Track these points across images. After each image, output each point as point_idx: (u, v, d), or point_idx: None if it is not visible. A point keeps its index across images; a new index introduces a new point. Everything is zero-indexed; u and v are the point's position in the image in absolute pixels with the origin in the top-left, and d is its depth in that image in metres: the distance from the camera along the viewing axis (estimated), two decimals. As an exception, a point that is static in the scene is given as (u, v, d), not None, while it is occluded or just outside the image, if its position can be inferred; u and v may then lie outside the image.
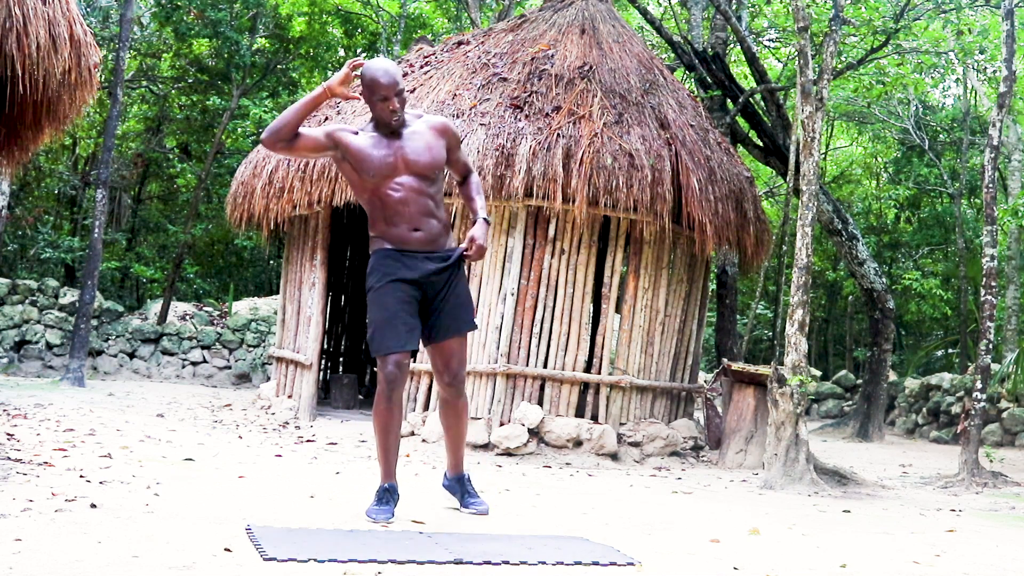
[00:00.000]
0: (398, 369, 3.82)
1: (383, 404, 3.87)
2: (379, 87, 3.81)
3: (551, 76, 8.15)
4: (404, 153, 3.87)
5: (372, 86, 3.82)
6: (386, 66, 3.84)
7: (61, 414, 7.12)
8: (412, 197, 3.86)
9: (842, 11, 8.18)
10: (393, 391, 3.84)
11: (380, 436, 3.94)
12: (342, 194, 7.93)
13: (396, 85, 3.81)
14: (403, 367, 3.84)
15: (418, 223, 3.88)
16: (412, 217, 3.87)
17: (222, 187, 14.92)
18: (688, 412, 8.75)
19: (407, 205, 3.86)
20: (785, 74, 15.61)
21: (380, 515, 3.80)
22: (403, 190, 3.86)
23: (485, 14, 16.13)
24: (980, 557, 3.97)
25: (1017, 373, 10.29)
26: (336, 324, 11.46)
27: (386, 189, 3.86)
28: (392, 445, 3.95)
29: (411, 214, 3.87)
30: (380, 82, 3.80)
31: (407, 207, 3.86)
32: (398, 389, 3.85)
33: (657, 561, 3.33)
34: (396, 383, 3.83)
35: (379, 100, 3.83)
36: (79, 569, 2.62)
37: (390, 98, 3.82)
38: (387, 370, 3.82)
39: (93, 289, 11.19)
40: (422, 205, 3.88)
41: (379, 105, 3.85)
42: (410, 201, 3.86)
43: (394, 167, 3.85)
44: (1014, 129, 14.76)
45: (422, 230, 3.89)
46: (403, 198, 3.86)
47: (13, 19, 4.55)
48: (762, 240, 8.86)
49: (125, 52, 11.53)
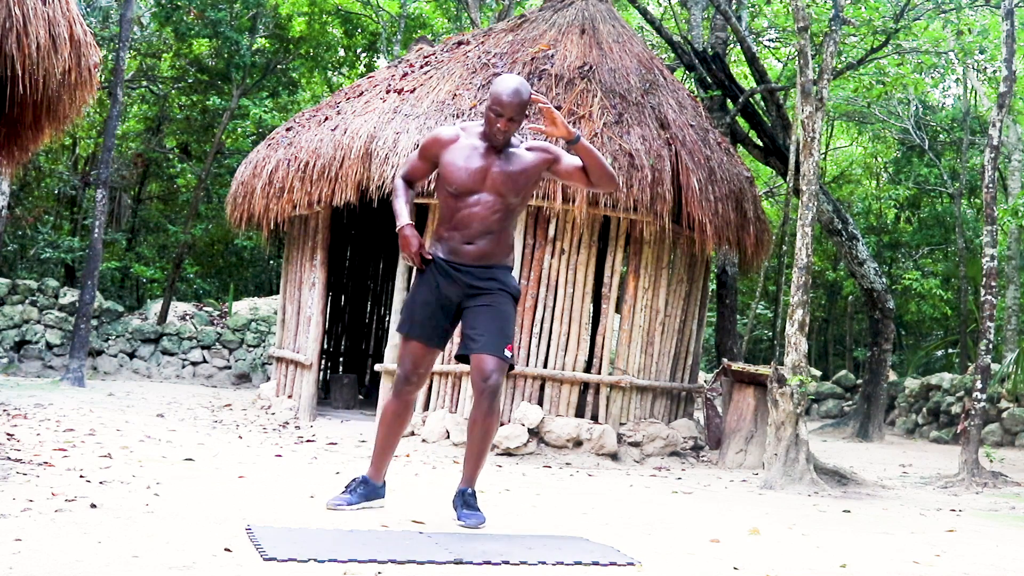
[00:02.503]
0: (414, 363, 3.91)
1: (394, 400, 3.96)
2: (499, 103, 3.77)
3: (551, 76, 8.15)
4: (495, 172, 3.85)
5: (495, 98, 3.79)
6: (517, 86, 3.79)
7: (61, 414, 7.12)
8: (484, 214, 3.84)
9: (842, 11, 8.18)
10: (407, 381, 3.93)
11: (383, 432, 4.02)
12: (342, 194, 7.93)
13: (515, 108, 3.77)
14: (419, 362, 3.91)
15: (477, 238, 3.86)
16: (475, 232, 3.86)
17: (222, 187, 14.92)
18: (688, 412, 8.75)
19: (475, 220, 3.85)
20: (785, 74, 15.61)
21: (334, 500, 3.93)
22: (478, 206, 3.84)
23: (485, 14, 16.13)
24: (980, 557, 3.97)
25: (1017, 373, 10.30)
26: (336, 324, 11.47)
27: (463, 200, 3.85)
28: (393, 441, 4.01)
29: (475, 229, 3.85)
30: (502, 99, 3.77)
31: (475, 222, 3.85)
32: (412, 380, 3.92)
33: (657, 561, 3.33)
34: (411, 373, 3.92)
35: (494, 114, 3.80)
36: (79, 569, 2.62)
37: (503, 117, 3.78)
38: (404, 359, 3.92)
39: (93, 289, 11.19)
40: (491, 223, 3.86)
41: (491, 118, 3.81)
42: (481, 217, 3.85)
43: (480, 182, 3.84)
44: (1014, 129, 14.76)
45: (476, 245, 3.86)
46: (475, 213, 3.84)
47: (13, 19, 4.55)
48: (762, 240, 8.86)
49: (125, 52, 11.53)
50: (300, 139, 8.68)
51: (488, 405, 3.82)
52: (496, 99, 3.77)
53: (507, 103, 3.76)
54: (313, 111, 9.46)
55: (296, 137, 8.83)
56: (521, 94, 3.78)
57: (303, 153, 8.41)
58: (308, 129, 8.79)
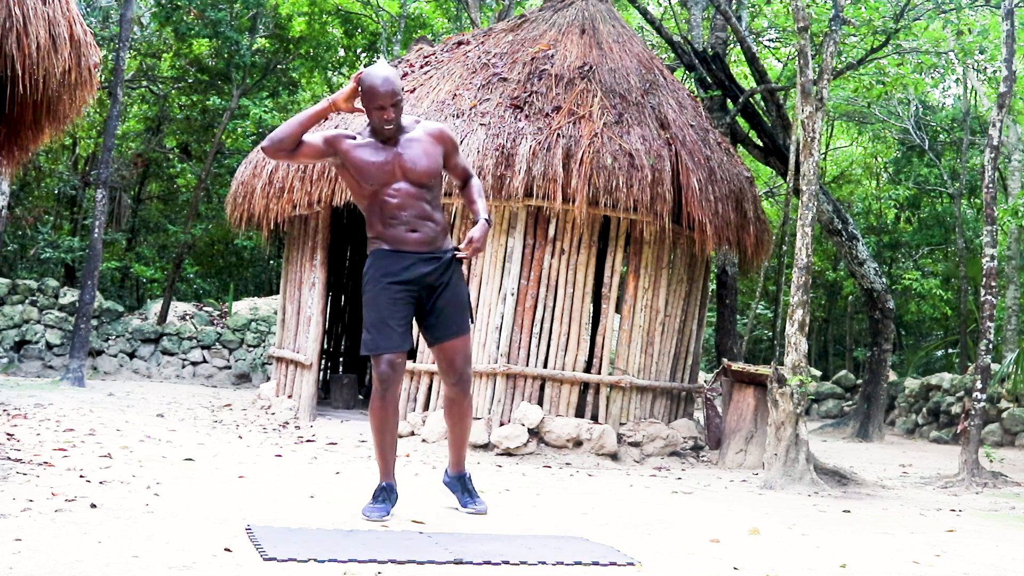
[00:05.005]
0: (391, 369, 3.87)
1: (378, 403, 3.91)
2: (376, 95, 3.82)
3: (551, 76, 8.15)
4: (401, 160, 3.91)
5: (370, 93, 3.84)
6: (386, 73, 3.84)
7: (61, 414, 7.12)
8: (409, 202, 3.91)
9: (842, 11, 8.18)
10: (387, 390, 3.88)
11: (377, 435, 3.98)
12: (342, 194, 7.93)
13: (394, 95, 3.82)
14: (396, 367, 3.89)
15: (415, 225, 3.93)
16: (409, 220, 3.92)
17: (222, 187, 14.91)
18: (688, 412, 8.75)
19: (404, 210, 3.91)
20: (785, 74, 15.61)
21: (375, 512, 3.82)
22: (400, 196, 3.91)
23: (485, 14, 16.13)
24: (980, 557, 3.97)
25: (1017, 373, 10.29)
26: (336, 324, 11.47)
27: (384, 195, 3.91)
28: (389, 444, 3.98)
29: (408, 218, 3.92)
30: (378, 91, 3.82)
31: (404, 211, 3.91)
32: (392, 388, 3.89)
33: (657, 561, 3.33)
34: (390, 382, 3.87)
35: (375, 108, 3.85)
36: (79, 569, 2.62)
37: (386, 107, 3.83)
38: (380, 370, 3.87)
39: (93, 289, 11.18)
40: (419, 209, 3.93)
41: (375, 113, 3.86)
42: (407, 206, 3.91)
43: (392, 174, 3.90)
44: (1014, 129, 14.76)
45: (419, 231, 3.93)
46: (400, 203, 3.91)
47: (13, 19, 4.55)
48: (762, 240, 8.86)
49: (125, 52, 11.53)
50: (300, 139, 8.67)
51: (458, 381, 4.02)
52: (373, 94, 3.82)
53: (383, 92, 3.81)
54: (313, 111, 9.45)
55: (296, 137, 8.81)
56: (392, 80, 3.83)
57: (303, 153, 8.40)
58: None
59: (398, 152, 3.92)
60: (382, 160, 3.89)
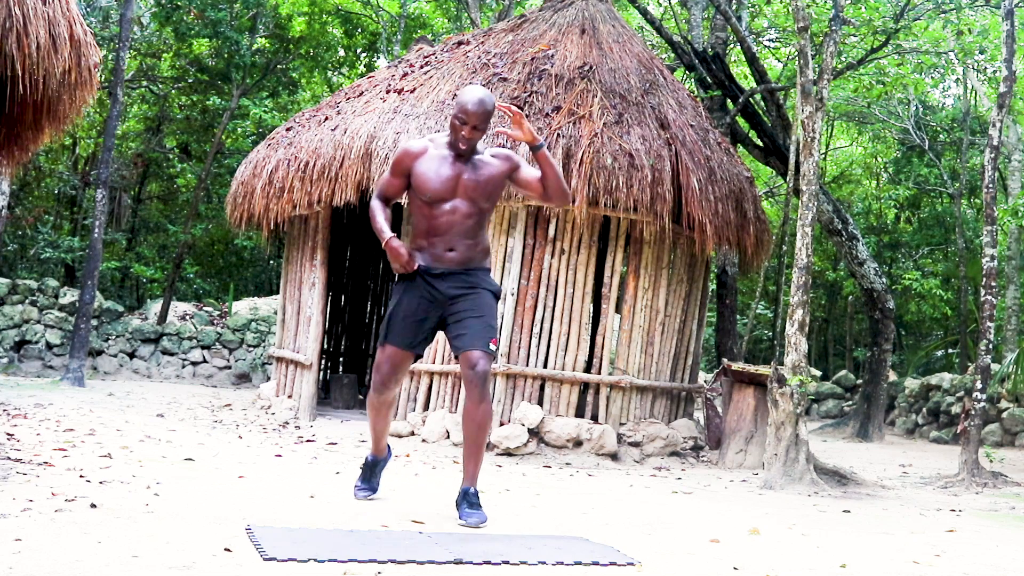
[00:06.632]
0: (391, 362, 4.04)
1: (374, 399, 4.14)
2: (466, 113, 3.89)
3: (551, 76, 8.15)
4: (465, 179, 3.98)
5: (460, 107, 3.91)
6: (481, 96, 3.92)
7: (61, 414, 7.12)
8: (458, 220, 3.99)
9: (842, 11, 8.18)
10: (385, 386, 4.07)
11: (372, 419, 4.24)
12: (342, 194, 7.93)
13: (480, 117, 3.89)
14: (397, 364, 4.04)
15: (455, 244, 4.00)
16: (453, 238, 3.99)
17: (222, 187, 14.92)
18: (688, 412, 8.75)
19: (451, 228, 3.99)
20: (785, 74, 15.60)
21: (359, 492, 4.26)
22: (451, 214, 3.98)
23: (485, 14, 16.14)
24: (980, 557, 3.97)
25: (1017, 373, 10.28)
26: (336, 324, 11.47)
27: (436, 210, 3.98)
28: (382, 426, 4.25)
29: (453, 235, 3.99)
30: (468, 108, 3.89)
31: (452, 228, 3.99)
32: (389, 387, 4.07)
33: (657, 561, 3.33)
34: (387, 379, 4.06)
35: (459, 123, 3.91)
36: (79, 569, 2.62)
37: (469, 126, 3.90)
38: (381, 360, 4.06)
39: (93, 289, 11.18)
40: (465, 228, 4.00)
41: (456, 126, 3.93)
42: (455, 224, 3.99)
43: (451, 190, 3.97)
44: (1014, 129, 14.76)
45: (456, 251, 4.00)
46: (449, 221, 3.98)
47: (13, 19, 4.55)
48: (762, 240, 8.86)
49: (125, 52, 11.53)
50: (300, 139, 8.68)
51: (479, 393, 3.91)
52: (462, 108, 3.90)
53: (472, 111, 3.88)
54: (313, 111, 9.47)
55: (296, 137, 8.83)
56: (485, 104, 3.91)
57: (303, 153, 8.42)
58: (308, 129, 8.79)
59: (464, 169, 3.98)
60: (446, 176, 3.96)
